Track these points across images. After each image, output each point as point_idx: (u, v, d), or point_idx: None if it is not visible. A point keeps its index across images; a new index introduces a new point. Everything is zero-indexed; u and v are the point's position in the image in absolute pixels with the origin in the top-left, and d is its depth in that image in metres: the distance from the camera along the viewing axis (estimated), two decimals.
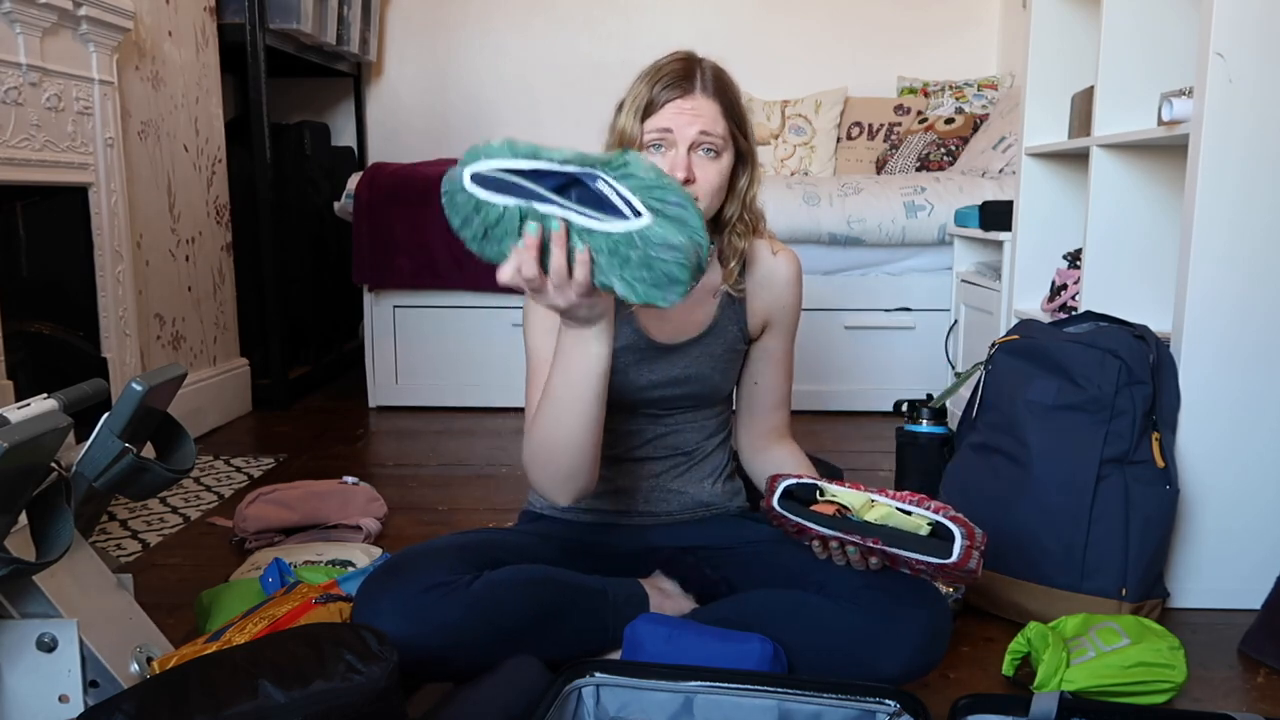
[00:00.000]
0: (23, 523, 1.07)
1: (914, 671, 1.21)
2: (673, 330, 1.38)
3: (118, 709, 0.93)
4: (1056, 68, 2.19)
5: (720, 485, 1.45)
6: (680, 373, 1.38)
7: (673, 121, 1.27)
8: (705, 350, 1.39)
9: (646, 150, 1.29)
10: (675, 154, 1.27)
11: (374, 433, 2.87)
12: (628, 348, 1.36)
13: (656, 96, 1.27)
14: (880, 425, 2.82)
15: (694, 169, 1.27)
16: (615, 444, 1.40)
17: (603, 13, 3.99)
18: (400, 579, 1.20)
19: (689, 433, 1.42)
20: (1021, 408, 1.59)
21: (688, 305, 1.37)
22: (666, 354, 1.38)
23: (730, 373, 1.43)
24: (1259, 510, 1.59)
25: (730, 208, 1.36)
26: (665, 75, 1.28)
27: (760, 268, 1.43)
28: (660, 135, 1.28)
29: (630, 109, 1.29)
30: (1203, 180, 1.52)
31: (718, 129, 1.28)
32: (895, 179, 3.10)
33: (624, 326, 1.36)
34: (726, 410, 1.48)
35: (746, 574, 1.34)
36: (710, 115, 1.28)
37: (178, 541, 1.94)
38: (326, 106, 4.10)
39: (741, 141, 1.33)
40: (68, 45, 2.12)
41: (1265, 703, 1.34)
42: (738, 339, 1.41)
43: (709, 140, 1.28)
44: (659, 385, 1.38)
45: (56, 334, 2.18)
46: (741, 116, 1.33)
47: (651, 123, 1.28)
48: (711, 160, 1.29)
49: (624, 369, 1.36)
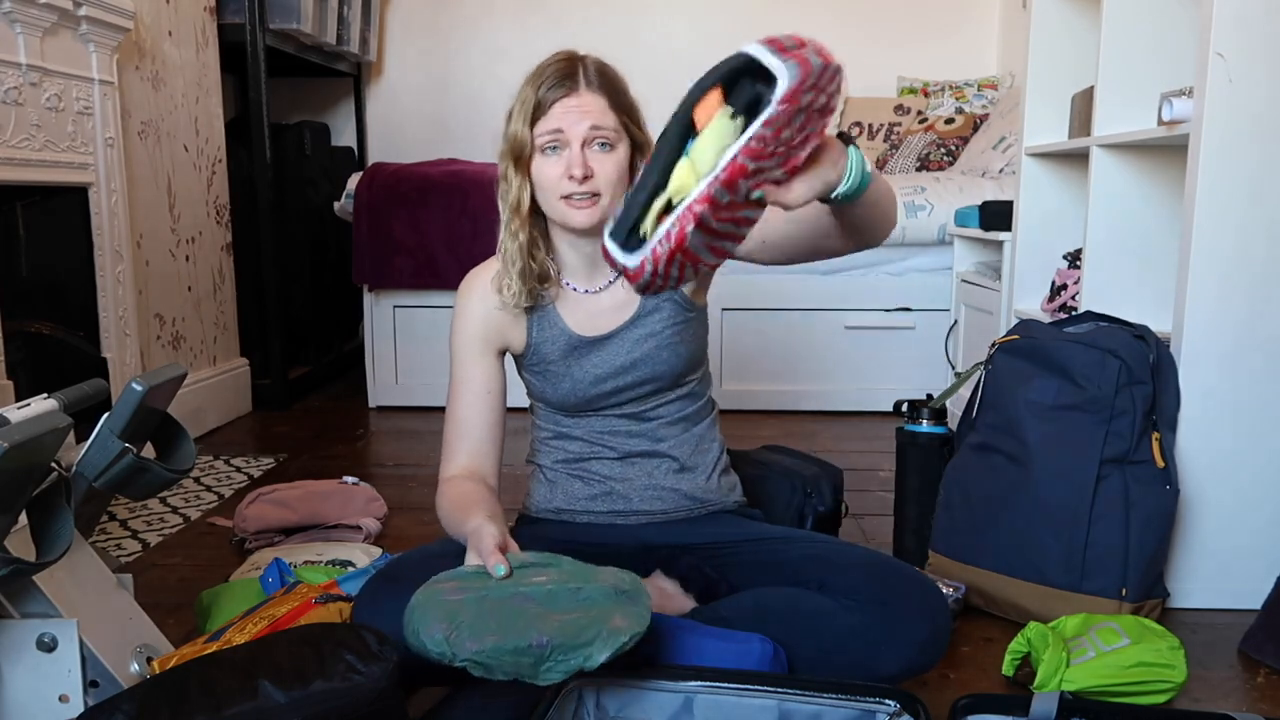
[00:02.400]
0: (23, 523, 1.07)
1: (914, 671, 1.22)
2: (605, 323, 1.38)
3: (118, 709, 0.93)
4: (1056, 68, 2.19)
5: (716, 480, 1.44)
6: (625, 360, 1.38)
7: (561, 121, 1.27)
8: (644, 331, 1.38)
9: (540, 153, 1.29)
10: (570, 153, 1.28)
11: (374, 433, 2.87)
12: (562, 350, 1.38)
13: (543, 98, 1.28)
14: (880, 425, 2.82)
15: (590, 164, 1.27)
16: (601, 448, 1.41)
17: (603, 13, 3.99)
18: (401, 584, 1.20)
19: (670, 427, 1.42)
20: (1021, 408, 1.58)
21: (617, 298, 1.38)
22: (602, 345, 1.38)
23: (682, 347, 1.39)
24: (1259, 510, 1.59)
25: None
26: (549, 76, 1.29)
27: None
28: (552, 137, 1.28)
29: (519, 114, 1.30)
30: (1203, 180, 1.52)
31: (608, 121, 1.29)
32: (895, 179, 3.10)
33: (555, 331, 1.38)
34: (705, 398, 1.46)
35: (746, 573, 1.34)
36: (598, 109, 1.28)
37: (178, 541, 1.94)
38: (326, 106, 4.10)
39: (636, 131, 1.32)
40: (68, 45, 2.12)
41: (1265, 703, 1.34)
42: (678, 309, 1.39)
43: (601, 134, 1.28)
44: (608, 377, 1.38)
45: (56, 334, 2.18)
46: (631, 107, 1.33)
47: (541, 125, 1.28)
48: (607, 154, 1.29)
49: (567, 371, 1.38)
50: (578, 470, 1.42)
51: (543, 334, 1.38)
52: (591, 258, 1.36)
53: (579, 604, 1.05)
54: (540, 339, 1.38)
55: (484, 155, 3.48)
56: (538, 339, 1.38)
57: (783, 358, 3.05)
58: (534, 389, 1.44)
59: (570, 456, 1.43)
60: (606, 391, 1.38)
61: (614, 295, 1.38)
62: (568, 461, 1.43)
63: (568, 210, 1.29)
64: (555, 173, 1.29)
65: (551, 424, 1.44)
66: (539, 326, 1.38)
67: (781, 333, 3.03)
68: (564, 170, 1.28)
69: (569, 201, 1.29)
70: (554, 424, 1.44)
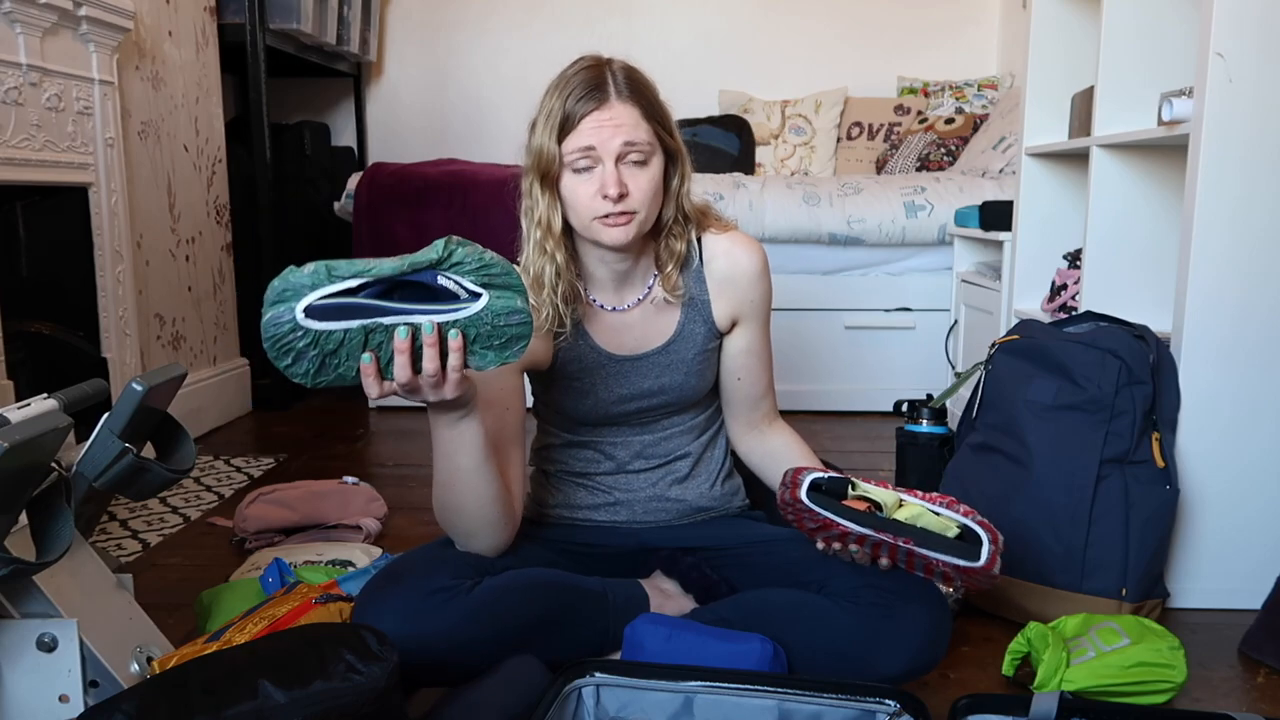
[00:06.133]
0: (23, 523, 1.07)
1: (914, 671, 1.21)
2: (635, 343, 1.35)
3: (118, 709, 0.93)
4: (1056, 68, 2.19)
5: (720, 487, 1.44)
6: (652, 384, 1.36)
7: (594, 137, 1.20)
8: (674, 358, 1.36)
9: (571, 172, 1.23)
10: (603, 170, 1.21)
11: (374, 433, 2.87)
12: (591, 368, 1.34)
13: (571, 111, 1.21)
14: (880, 425, 2.82)
15: (625, 181, 1.22)
16: (608, 458, 1.40)
17: (603, 13, 3.99)
18: (402, 584, 1.20)
19: (680, 436, 1.41)
20: (1021, 408, 1.58)
21: (648, 317, 1.34)
22: (633, 367, 1.35)
23: (706, 373, 1.39)
24: (1259, 510, 1.59)
25: (667, 210, 1.30)
26: (577, 86, 1.21)
27: (719, 263, 1.36)
28: (584, 155, 1.21)
29: (545, 127, 1.22)
30: (1203, 180, 1.52)
31: (641, 135, 1.22)
32: (895, 179, 3.10)
33: (584, 348, 1.34)
34: (714, 406, 1.46)
35: (746, 574, 1.34)
36: (631, 122, 1.21)
37: (178, 541, 1.94)
38: (326, 106, 4.10)
39: (668, 140, 1.27)
40: (68, 45, 2.12)
41: (1265, 703, 1.34)
42: (707, 338, 1.37)
43: (635, 150, 1.22)
44: (632, 398, 1.36)
45: (56, 334, 2.18)
46: (663, 115, 1.27)
47: (571, 142, 1.21)
48: (642, 169, 1.23)
49: (592, 388, 1.35)
50: (582, 480, 1.42)
51: (571, 351, 1.34)
52: (622, 275, 1.33)
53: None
54: (568, 357, 1.34)
55: (484, 155, 3.48)
56: (565, 357, 1.34)
57: (783, 358, 3.03)
58: (554, 402, 1.40)
59: (576, 466, 1.42)
60: (628, 411, 1.37)
61: (643, 313, 1.35)
62: (572, 471, 1.42)
63: (602, 229, 1.24)
64: (589, 192, 1.22)
65: (561, 431, 1.42)
66: (568, 344, 1.34)
67: (781, 333, 3.01)
68: (598, 189, 1.21)
69: (604, 221, 1.23)
70: (563, 432, 1.42)
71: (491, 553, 1.28)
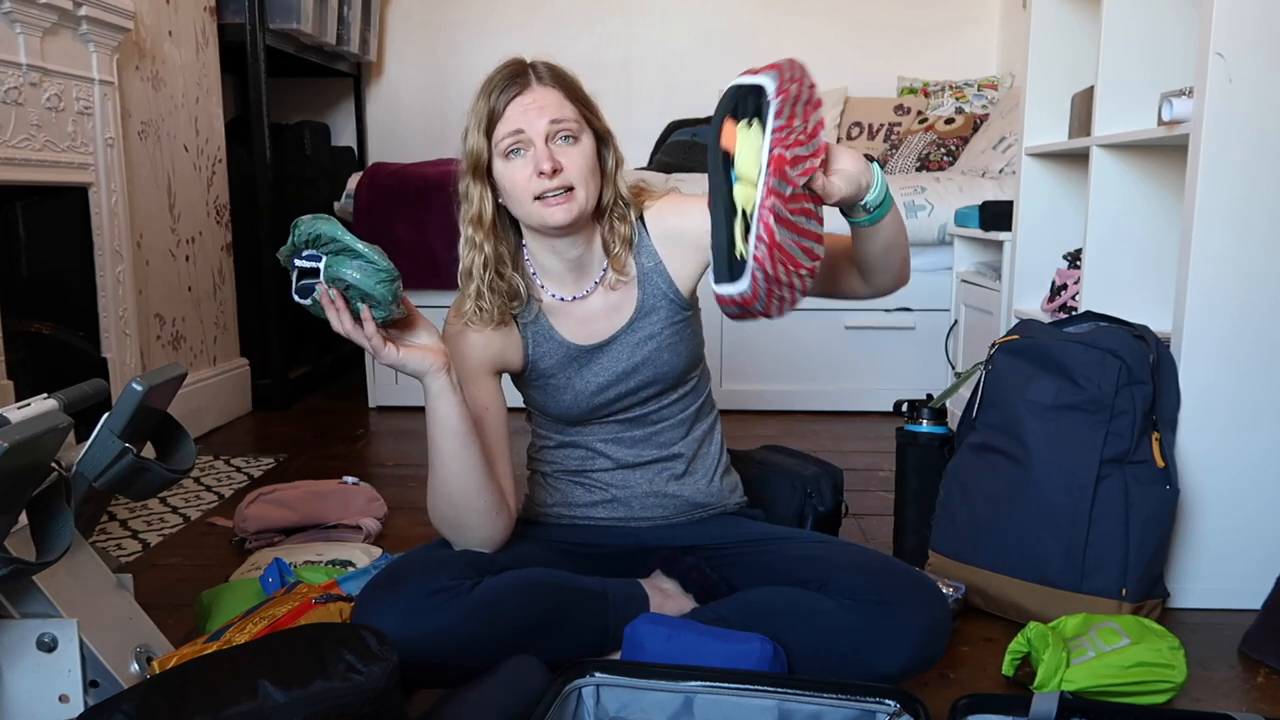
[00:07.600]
0: (23, 523, 1.07)
1: (914, 669, 1.22)
2: (601, 329, 1.36)
3: (118, 709, 0.93)
4: (1056, 68, 2.19)
5: (718, 482, 1.44)
6: (626, 365, 1.36)
7: (520, 121, 1.24)
8: (642, 334, 1.36)
9: (503, 159, 1.26)
10: (535, 150, 1.24)
11: (374, 433, 2.87)
12: (562, 362, 1.35)
13: (496, 104, 1.25)
14: (880, 425, 2.82)
15: (558, 157, 1.24)
16: (602, 457, 1.40)
17: (603, 13, 3.99)
18: (402, 584, 1.20)
19: (671, 430, 1.41)
20: (1021, 408, 1.58)
21: (607, 300, 1.36)
22: (604, 353, 1.36)
23: (680, 347, 1.38)
24: (1259, 510, 1.59)
25: (607, 192, 1.32)
26: (498, 82, 1.26)
27: (659, 227, 1.36)
28: (514, 139, 1.24)
29: (474, 127, 1.27)
30: (1203, 180, 1.52)
31: (567, 113, 1.26)
32: (895, 179, 3.10)
33: (552, 345, 1.35)
34: (703, 397, 1.45)
35: (746, 573, 1.34)
36: (554, 102, 1.25)
37: (178, 541, 1.94)
38: (326, 106, 4.10)
39: (595, 122, 1.30)
40: (68, 45, 2.12)
41: (1265, 703, 1.34)
42: (673, 309, 1.37)
43: (563, 127, 1.25)
44: (610, 385, 1.36)
45: (56, 334, 2.18)
46: (587, 99, 1.30)
47: (500, 129, 1.25)
48: (572, 145, 1.26)
49: (568, 383, 1.36)
50: (579, 478, 1.42)
51: (539, 348, 1.36)
52: (575, 262, 1.34)
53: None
54: (537, 354, 1.36)
55: None
56: (535, 354, 1.36)
57: (783, 358, 3.05)
58: (535, 403, 1.42)
59: (571, 465, 1.42)
60: (610, 399, 1.37)
61: (604, 299, 1.36)
62: (568, 470, 1.42)
63: (544, 210, 1.25)
64: (523, 175, 1.25)
65: (552, 433, 1.43)
66: (534, 342, 1.35)
67: (781, 333, 3.03)
68: (532, 169, 1.24)
69: (544, 201, 1.25)
70: (554, 433, 1.43)
71: (484, 548, 1.29)
